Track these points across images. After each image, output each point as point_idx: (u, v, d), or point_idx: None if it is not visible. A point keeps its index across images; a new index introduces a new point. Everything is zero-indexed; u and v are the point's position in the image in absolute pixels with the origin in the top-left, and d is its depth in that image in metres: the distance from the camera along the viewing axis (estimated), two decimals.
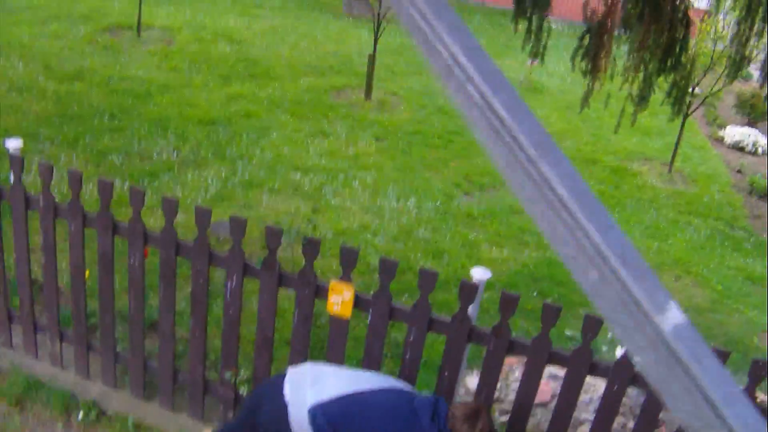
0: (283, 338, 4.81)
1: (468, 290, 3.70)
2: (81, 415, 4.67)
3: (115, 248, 4.38)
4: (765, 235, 10.16)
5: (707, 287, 8.14)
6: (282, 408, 3.49)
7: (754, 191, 11.71)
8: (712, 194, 11.13)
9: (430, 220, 8.48)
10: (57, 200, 4.44)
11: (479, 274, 3.84)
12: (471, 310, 3.76)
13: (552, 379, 4.99)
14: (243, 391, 4.44)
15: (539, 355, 3.75)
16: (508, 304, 3.66)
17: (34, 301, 4.85)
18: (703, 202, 10.76)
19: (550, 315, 3.65)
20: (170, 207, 4.09)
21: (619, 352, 6.17)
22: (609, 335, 6.38)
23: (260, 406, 3.66)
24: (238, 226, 3.95)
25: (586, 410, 4.94)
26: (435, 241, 7.94)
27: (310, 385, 3.55)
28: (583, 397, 4.81)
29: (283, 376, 3.66)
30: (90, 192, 6.98)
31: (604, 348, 6.07)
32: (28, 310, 4.84)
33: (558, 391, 5.44)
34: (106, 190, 4.22)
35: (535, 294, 7.06)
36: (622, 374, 3.70)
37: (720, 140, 14.12)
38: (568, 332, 6.20)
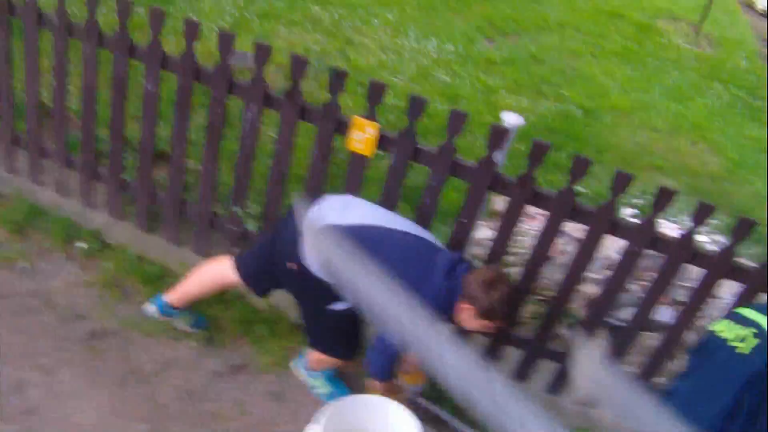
0: (297, 175, 4.70)
1: (498, 134, 3.54)
2: (83, 244, 4.61)
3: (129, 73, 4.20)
4: None
5: (722, 155, 8.00)
6: (300, 224, 3.41)
7: None
8: (736, 61, 10.82)
9: (450, 63, 8.23)
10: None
11: (511, 119, 3.66)
12: (498, 156, 3.62)
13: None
14: (251, 227, 4.35)
15: (562, 209, 3.63)
16: (538, 153, 3.51)
17: (41, 126, 4.71)
18: (727, 67, 10.47)
19: (579, 168, 3.51)
20: (191, 30, 3.88)
21: (627, 211, 6.11)
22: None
23: (286, 224, 3.58)
24: (262, 53, 3.75)
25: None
26: (453, 85, 7.73)
27: (339, 209, 3.47)
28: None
29: (319, 199, 3.57)
30: (102, 16, 6.72)
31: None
32: (35, 134, 4.69)
33: (565, 248, 5.39)
34: (124, 9, 3.99)
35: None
36: (644, 236, 3.61)
37: (751, 5, 13.67)
38: (580, 188, 6.09)
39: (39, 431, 3.59)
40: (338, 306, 3.52)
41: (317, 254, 3.30)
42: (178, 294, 4.03)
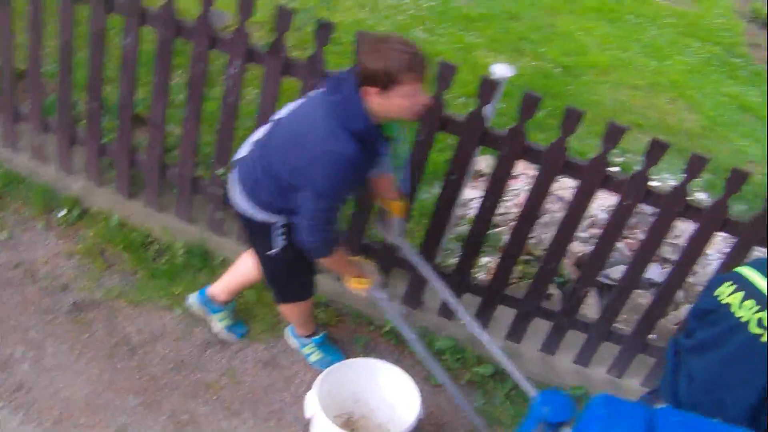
0: None
1: (488, 86, 3.45)
2: (63, 212, 4.48)
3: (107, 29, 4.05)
4: (762, 64, 9.92)
5: (700, 112, 7.98)
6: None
7: (755, 18, 11.37)
8: (712, 17, 10.78)
9: (426, 20, 8.15)
10: None
11: (501, 70, 3.55)
12: (487, 111, 3.54)
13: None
14: None
15: (554, 163, 3.56)
16: (530, 106, 3.43)
17: (15, 88, 4.53)
18: (704, 24, 10.43)
19: (571, 121, 3.43)
20: None
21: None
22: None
23: None
24: (246, 4, 3.64)
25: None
26: (431, 42, 7.63)
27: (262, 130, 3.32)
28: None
29: None
30: None
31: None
32: (8, 96, 4.51)
33: (550, 207, 5.35)
34: None
35: None
36: (637, 189, 3.54)
37: None
38: None
39: (30, 407, 3.49)
40: (273, 251, 3.34)
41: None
42: (221, 286, 3.88)
